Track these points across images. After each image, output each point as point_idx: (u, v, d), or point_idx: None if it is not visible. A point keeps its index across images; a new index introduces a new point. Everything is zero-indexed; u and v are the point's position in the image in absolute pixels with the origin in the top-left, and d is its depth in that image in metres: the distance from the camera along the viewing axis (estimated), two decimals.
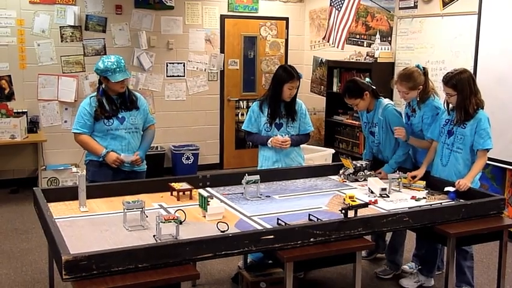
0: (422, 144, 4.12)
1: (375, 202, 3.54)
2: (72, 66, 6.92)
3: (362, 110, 4.26)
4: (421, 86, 4.06)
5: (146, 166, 4.22)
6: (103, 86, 4.01)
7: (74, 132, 4.03)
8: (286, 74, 4.13)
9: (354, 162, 4.14)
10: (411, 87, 4.04)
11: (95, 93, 4.07)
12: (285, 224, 3.03)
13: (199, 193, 3.31)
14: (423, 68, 4.14)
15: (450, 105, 3.88)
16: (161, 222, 2.73)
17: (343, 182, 4.08)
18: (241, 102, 8.04)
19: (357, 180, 4.07)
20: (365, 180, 4.00)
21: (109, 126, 3.99)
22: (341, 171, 4.18)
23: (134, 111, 4.09)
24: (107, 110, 3.99)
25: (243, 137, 4.60)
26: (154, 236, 2.79)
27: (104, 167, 4.00)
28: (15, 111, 6.42)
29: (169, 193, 3.64)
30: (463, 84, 3.71)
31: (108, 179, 3.91)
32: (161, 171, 7.19)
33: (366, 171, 4.10)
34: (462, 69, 3.84)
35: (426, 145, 4.09)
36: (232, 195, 3.68)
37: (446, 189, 3.67)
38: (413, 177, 3.94)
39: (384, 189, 3.71)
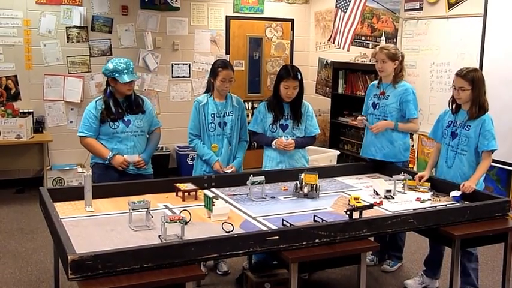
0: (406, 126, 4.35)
1: (380, 203, 3.54)
2: (78, 67, 6.94)
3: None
4: (397, 62, 4.25)
5: (153, 170, 4.21)
6: (110, 87, 4.03)
7: (80, 136, 4.03)
8: (283, 72, 4.13)
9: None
10: (390, 56, 4.23)
11: (101, 96, 4.08)
12: (290, 224, 3.03)
13: (204, 194, 3.32)
14: (401, 52, 4.38)
15: (454, 106, 3.87)
16: (166, 222, 2.74)
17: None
18: (246, 103, 8.02)
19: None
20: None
21: (115, 129, 3.99)
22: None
23: (140, 115, 4.09)
24: (113, 112, 3.99)
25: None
26: (159, 236, 2.80)
27: (109, 169, 3.99)
28: (21, 111, 6.45)
29: (174, 193, 3.65)
30: (479, 80, 3.73)
31: (113, 182, 3.90)
32: (166, 171, 7.20)
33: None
34: (475, 67, 3.94)
35: (410, 126, 4.35)
36: (237, 196, 3.68)
37: (452, 194, 3.66)
38: (420, 178, 3.95)
39: (389, 191, 3.71)
